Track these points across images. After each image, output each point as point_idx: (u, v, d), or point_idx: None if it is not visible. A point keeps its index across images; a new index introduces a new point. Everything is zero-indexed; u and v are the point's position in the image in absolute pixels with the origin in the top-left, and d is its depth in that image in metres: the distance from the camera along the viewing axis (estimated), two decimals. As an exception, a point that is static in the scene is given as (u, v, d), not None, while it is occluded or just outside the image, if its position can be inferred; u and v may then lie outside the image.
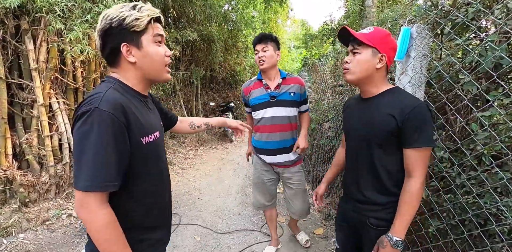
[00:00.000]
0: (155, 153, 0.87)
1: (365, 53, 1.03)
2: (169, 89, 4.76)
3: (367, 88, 1.10)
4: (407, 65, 1.49)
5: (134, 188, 0.81)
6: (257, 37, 1.83)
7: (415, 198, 0.97)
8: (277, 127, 1.83)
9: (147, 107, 0.88)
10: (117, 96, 0.74)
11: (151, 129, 0.84)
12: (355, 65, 1.05)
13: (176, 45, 3.80)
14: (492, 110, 1.15)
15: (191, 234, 2.65)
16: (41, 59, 2.58)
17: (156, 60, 0.83)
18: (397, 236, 0.98)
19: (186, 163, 4.77)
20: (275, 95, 1.81)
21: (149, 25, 0.80)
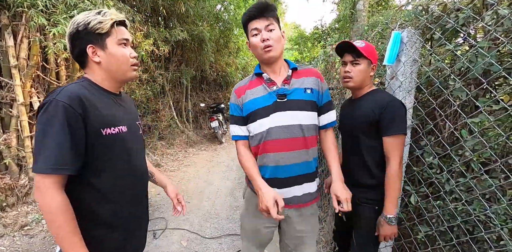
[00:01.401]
0: (121, 148, 0.91)
1: (363, 64, 1.25)
2: (158, 90, 4.65)
3: (359, 91, 1.33)
4: (398, 69, 1.48)
5: (97, 181, 0.85)
6: (253, 9, 1.13)
7: (396, 178, 1.16)
8: (290, 142, 1.14)
9: (116, 103, 0.94)
10: (76, 89, 0.81)
11: (115, 122, 0.88)
12: (357, 75, 1.26)
13: (165, 45, 3.73)
14: (481, 117, 1.15)
15: (177, 239, 2.57)
16: (22, 56, 2.46)
17: (120, 61, 0.90)
18: (389, 214, 1.17)
19: (175, 165, 4.66)
20: (284, 92, 1.15)
21: (113, 29, 0.88)
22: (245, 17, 1.16)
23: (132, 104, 1.10)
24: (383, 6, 3.94)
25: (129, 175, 0.94)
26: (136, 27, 3.36)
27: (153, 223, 2.87)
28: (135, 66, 0.95)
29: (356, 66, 1.26)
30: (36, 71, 2.58)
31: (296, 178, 1.17)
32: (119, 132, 0.89)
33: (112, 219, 0.89)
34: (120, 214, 0.92)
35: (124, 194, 0.93)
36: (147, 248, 2.43)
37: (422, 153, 1.44)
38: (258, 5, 1.12)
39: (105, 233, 0.89)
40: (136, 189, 0.98)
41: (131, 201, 0.96)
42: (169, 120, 5.19)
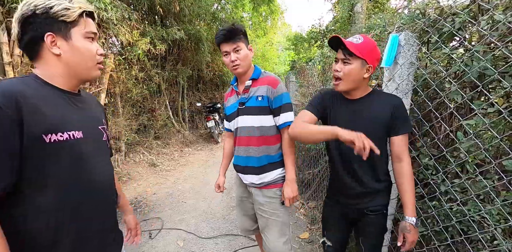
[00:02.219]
0: (73, 157, 0.74)
1: (355, 64, 1.11)
2: (154, 89, 4.62)
3: (354, 92, 1.22)
4: (395, 72, 1.50)
5: (38, 199, 0.69)
6: (221, 34, 1.35)
7: (411, 177, 1.15)
8: (244, 139, 1.47)
9: (71, 104, 0.79)
10: (11, 86, 0.67)
11: (64, 126, 0.73)
12: (346, 76, 1.13)
13: (161, 43, 3.70)
14: (476, 119, 1.18)
15: (174, 239, 2.56)
16: (16, 53, 2.42)
17: (86, 56, 0.78)
18: (412, 216, 1.11)
19: (171, 165, 4.64)
20: (243, 101, 1.45)
21: (81, 19, 0.76)
22: (216, 40, 1.42)
23: (96, 106, 0.95)
24: (379, 8, 3.98)
25: (85, 191, 0.78)
26: (132, 25, 3.33)
27: (148, 223, 2.85)
28: (100, 64, 0.84)
29: (346, 66, 1.11)
30: (30, 69, 2.53)
31: (251, 168, 1.48)
32: (70, 138, 0.73)
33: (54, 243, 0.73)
34: (66, 238, 0.74)
35: (77, 214, 0.76)
36: (143, 248, 2.42)
37: (418, 154, 1.46)
38: (226, 32, 1.35)
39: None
40: (95, 207, 0.81)
41: (87, 222, 0.79)
42: (165, 119, 5.16)
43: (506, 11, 1.09)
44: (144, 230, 2.70)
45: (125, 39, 3.12)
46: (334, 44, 1.17)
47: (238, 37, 1.36)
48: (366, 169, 1.21)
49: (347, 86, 1.15)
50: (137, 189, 3.67)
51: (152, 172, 4.25)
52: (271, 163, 1.47)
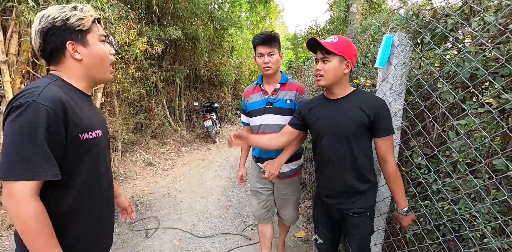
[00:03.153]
0: (96, 152, 0.88)
1: (334, 61, 1.20)
2: (151, 88, 4.61)
3: (336, 90, 1.28)
4: (388, 72, 1.52)
5: (71, 186, 0.82)
6: (260, 37, 1.56)
7: (397, 175, 1.22)
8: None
9: (90, 105, 0.91)
10: (57, 91, 0.76)
11: (92, 126, 0.85)
12: (327, 72, 1.21)
13: (159, 43, 3.69)
14: (467, 119, 1.19)
15: (170, 238, 2.57)
16: (12, 52, 2.40)
17: (103, 58, 0.88)
18: (402, 208, 1.21)
19: (167, 164, 4.63)
20: (271, 101, 1.64)
21: (94, 25, 0.86)
22: (254, 42, 1.61)
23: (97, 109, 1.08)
24: (376, 9, 4.00)
25: (99, 180, 0.91)
26: (129, 25, 3.32)
27: (145, 222, 2.85)
28: (111, 65, 0.94)
29: (326, 64, 1.20)
30: (26, 68, 2.52)
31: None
32: (96, 136, 0.86)
33: (82, 227, 0.87)
34: (90, 221, 0.89)
35: (96, 200, 0.90)
36: (139, 247, 2.42)
37: (411, 153, 1.48)
38: (265, 36, 1.56)
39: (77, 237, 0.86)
40: (106, 194, 0.96)
41: (101, 206, 0.93)
42: (162, 119, 5.15)
43: (497, 12, 1.11)
44: (140, 229, 2.70)
45: (121, 39, 3.11)
46: (312, 46, 1.27)
47: (274, 43, 1.57)
48: (348, 168, 1.24)
49: (328, 81, 1.22)
50: (133, 188, 3.67)
51: (148, 171, 4.25)
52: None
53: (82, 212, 0.86)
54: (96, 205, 0.91)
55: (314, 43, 1.23)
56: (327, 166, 1.31)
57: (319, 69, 1.21)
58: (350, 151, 1.23)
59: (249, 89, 1.78)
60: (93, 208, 0.89)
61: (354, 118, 1.20)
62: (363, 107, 1.19)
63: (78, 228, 0.86)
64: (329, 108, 1.29)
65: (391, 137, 1.22)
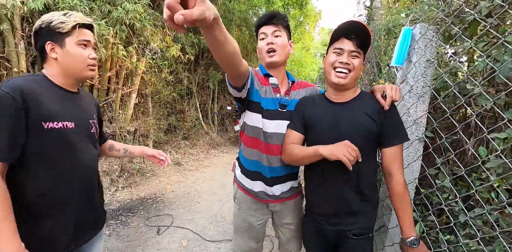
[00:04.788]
0: (64, 144, 0.93)
1: (361, 58, 1.01)
2: (184, 91, 4.85)
3: (347, 92, 1.08)
4: (407, 72, 1.28)
5: (37, 172, 0.88)
6: (264, 16, 1.24)
7: (404, 195, 0.99)
8: (276, 148, 1.23)
9: (67, 99, 0.98)
10: (22, 82, 0.86)
11: (59, 117, 0.91)
12: (355, 70, 1.01)
13: (191, 50, 3.87)
14: (508, 132, 0.91)
15: (179, 237, 2.58)
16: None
17: (76, 59, 0.95)
18: (409, 237, 0.98)
19: (194, 165, 4.77)
20: (285, 103, 1.23)
21: (75, 30, 0.94)
22: (256, 23, 1.28)
23: (91, 104, 1.13)
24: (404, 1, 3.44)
25: (72, 170, 0.96)
26: (165, 32, 3.57)
27: (160, 218, 2.94)
28: (92, 66, 1.00)
29: (355, 59, 0.99)
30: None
31: (278, 178, 1.26)
32: (63, 127, 0.92)
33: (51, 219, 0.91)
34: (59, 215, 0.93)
35: (65, 189, 0.94)
36: (149, 242, 2.48)
37: (437, 173, 1.20)
38: (269, 13, 1.24)
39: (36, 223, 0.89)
40: (81, 190, 1.00)
41: (76, 202, 0.97)
42: (194, 121, 5.36)
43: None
44: (154, 225, 2.78)
45: (156, 45, 3.36)
46: (346, 33, 1.00)
47: (280, 22, 1.21)
48: (350, 185, 1.04)
49: (353, 80, 1.03)
50: (158, 185, 3.84)
51: (175, 170, 4.43)
52: (293, 172, 1.29)
53: (50, 205, 0.91)
54: (67, 199, 0.95)
55: (350, 29, 0.98)
56: (324, 181, 1.10)
57: (348, 63, 0.98)
58: (355, 168, 0.97)
59: (259, 75, 1.27)
60: (62, 202, 0.94)
61: (357, 127, 1.01)
62: (369, 112, 1.01)
63: (46, 219, 0.90)
64: (331, 113, 1.08)
65: (401, 145, 1.02)
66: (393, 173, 1.00)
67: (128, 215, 2.97)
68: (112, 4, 2.88)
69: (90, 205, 1.05)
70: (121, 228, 2.71)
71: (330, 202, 1.09)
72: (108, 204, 3.14)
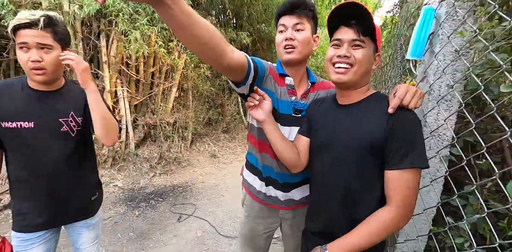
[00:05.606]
0: (20, 142, 1.00)
1: (369, 48, 0.81)
2: (224, 86, 4.98)
3: (353, 93, 0.88)
4: (428, 66, 0.98)
5: (10, 161, 1.04)
6: (286, 4, 1.03)
7: (381, 227, 0.74)
8: None
9: (35, 100, 1.03)
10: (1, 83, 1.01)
11: (15, 117, 0.97)
12: (359, 63, 0.80)
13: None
14: None
15: (196, 227, 2.69)
16: (112, 54, 3.16)
17: (21, 64, 0.95)
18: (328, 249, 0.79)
19: (229, 158, 4.89)
20: (301, 108, 1.08)
21: (16, 33, 0.92)
22: (277, 12, 1.07)
23: (70, 102, 1.10)
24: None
25: (32, 166, 1.03)
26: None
27: (184, 207, 3.11)
28: (36, 70, 0.95)
29: (358, 50, 0.79)
30: (120, 66, 3.25)
31: (294, 183, 1.15)
32: (18, 127, 0.98)
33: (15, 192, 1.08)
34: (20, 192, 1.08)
35: (29, 182, 1.04)
36: (168, 227, 2.66)
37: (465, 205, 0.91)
38: (292, 1, 1.02)
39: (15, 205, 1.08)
40: (42, 181, 1.05)
41: (36, 199, 1.06)
42: (235, 115, 5.48)
43: None
44: (177, 213, 2.96)
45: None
46: (339, 19, 0.82)
47: (305, 13, 1.01)
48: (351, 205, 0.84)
49: (355, 76, 0.81)
50: (191, 175, 4.08)
51: (210, 162, 4.62)
52: (305, 178, 1.16)
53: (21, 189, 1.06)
54: (30, 195, 1.06)
55: (345, 14, 0.80)
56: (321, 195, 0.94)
57: (347, 55, 0.80)
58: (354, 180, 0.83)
59: (276, 73, 1.10)
60: (27, 197, 1.06)
61: (361, 138, 0.80)
62: (377, 119, 0.78)
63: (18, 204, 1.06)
64: (331, 117, 0.92)
65: (416, 171, 0.74)
66: (392, 202, 0.75)
67: (158, 200, 3.24)
68: (155, 5, 3.11)
69: (58, 199, 1.10)
70: (149, 211, 2.98)
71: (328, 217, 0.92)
72: (144, 188, 3.49)
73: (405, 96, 0.75)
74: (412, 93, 0.76)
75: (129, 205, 3.04)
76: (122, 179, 3.51)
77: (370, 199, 0.81)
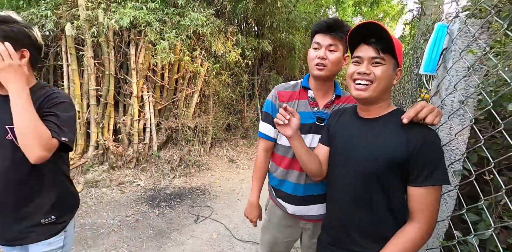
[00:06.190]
0: None
1: (389, 65, 0.84)
2: (244, 93, 5.11)
3: (374, 108, 0.91)
4: (439, 82, 1.01)
5: None
6: (324, 22, 1.10)
7: (411, 244, 0.77)
8: None
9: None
10: None
11: None
12: (379, 80, 0.83)
13: (250, 53, 4.05)
14: None
15: (212, 229, 2.77)
16: (140, 62, 3.40)
17: None
18: None
19: (247, 164, 4.96)
20: (324, 117, 1.15)
21: None
22: (313, 29, 1.16)
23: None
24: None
25: None
26: (227, 37, 3.86)
27: (201, 209, 3.22)
28: None
29: (378, 67, 0.82)
30: (147, 73, 3.48)
31: (313, 197, 1.19)
32: None
33: None
34: None
35: None
36: (185, 228, 2.77)
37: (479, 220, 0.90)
38: (329, 20, 1.10)
39: None
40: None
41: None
42: (254, 121, 5.57)
43: None
44: (195, 214, 3.07)
45: (218, 49, 3.68)
46: (357, 37, 0.87)
47: (340, 35, 1.08)
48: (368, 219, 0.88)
49: (375, 93, 0.85)
50: (209, 178, 4.20)
51: (228, 166, 4.72)
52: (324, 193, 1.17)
53: None
54: None
55: (366, 33, 0.84)
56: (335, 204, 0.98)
57: (367, 73, 0.84)
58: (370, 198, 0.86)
59: (287, 90, 1.23)
60: None
61: (384, 152, 0.82)
62: (399, 137, 0.81)
63: None
64: (351, 128, 0.96)
65: (438, 188, 0.78)
66: (414, 218, 0.79)
67: (177, 201, 3.38)
68: (181, 15, 3.32)
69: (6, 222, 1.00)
70: (169, 210, 3.12)
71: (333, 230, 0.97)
72: (164, 189, 3.65)
73: (421, 111, 0.78)
74: (428, 109, 0.78)
75: (150, 204, 3.20)
76: (145, 179, 3.71)
77: (388, 211, 0.84)
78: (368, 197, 0.85)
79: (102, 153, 3.45)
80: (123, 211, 3.01)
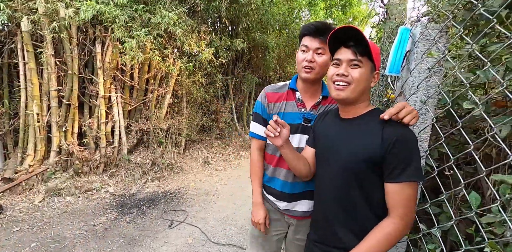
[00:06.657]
0: None
1: (366, 67, 0.87)
2: (218, 93, 5.04)
3: (353, 108, 0.94)
4: (403, 83, 1.05)
5: None
6: (313, 25, 1.12)
7: (387, 238, 0.80)
8: None
9: None
10: None
11: None
12: (357, 81, 0.87)
13: (224, 52, 4.00)
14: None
15: (187, 234, 2.68)
16: (107, 60, 3.20)
17: None
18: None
19: (222, 165, 4.90)
20: (310, 118, 1.20)
21: None
22: (302, 31, 1.17)
23: None
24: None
25: None
26: (201, 36, 3.77)
27: (176, 213, 3.10)
28: None
29: (356, 69, 0.86)
30: (115, 72, 3.28)
31: (300, 194, 1.25)
32: None
33: None
34: None
35: None
36: (159, 234, 2.65)
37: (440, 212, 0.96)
38: (318, 24, 1.12)
39: None
40: None
41: None
42: (229, 122, 5.53)
43: None
44: (168, 219, 2.96)
45: (190, 48, 3.58)
46: (337, 40, 0.91)
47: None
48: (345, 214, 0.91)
49: (353, 94, 0.88)
50: (183, 181, 4.08)
51: (203, 168, 4.63)
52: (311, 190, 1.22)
53: None
54: None
55: (344, 36, 0.88)
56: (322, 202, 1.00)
57: (345, 74, 0.87)
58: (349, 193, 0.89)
59: (275, 92, 1.27)
60: None
61: (356, 150, 0.87)
62: (374, 135, 0.84)
63: None
64: (332, 130, 0.99)
65: (414, 184, 0.81)
66: (393, 214, 0.81)
67: (150, 206, 3.22)
68: (151, 13, 3.17)
69: None
70: (140, 217, 2.96)
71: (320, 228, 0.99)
72: (136, 194, 3.47)
73: (401, 110, 0.81)
74: (408, 110, 0.82)
75: (120, 211, 3.02)
76: (114, 185, 3.50)
77: (369, 207, 0.87)
78: (349, 195, 0.88)
79: (65, 158, 3.19)
80: (90, 220, 2.80)
